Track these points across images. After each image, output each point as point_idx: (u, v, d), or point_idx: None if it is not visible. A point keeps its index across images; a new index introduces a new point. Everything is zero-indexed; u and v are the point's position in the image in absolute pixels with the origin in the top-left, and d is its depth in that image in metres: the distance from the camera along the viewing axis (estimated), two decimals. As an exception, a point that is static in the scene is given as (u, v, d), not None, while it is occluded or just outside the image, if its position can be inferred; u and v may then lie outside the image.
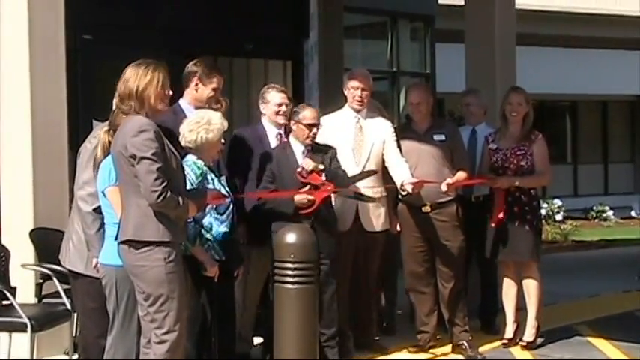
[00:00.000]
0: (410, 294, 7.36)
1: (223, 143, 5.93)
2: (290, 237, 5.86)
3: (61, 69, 7.12)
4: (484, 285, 8.06)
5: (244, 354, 6.78)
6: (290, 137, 6.65)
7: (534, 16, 18.04)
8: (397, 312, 7.98)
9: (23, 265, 6.63)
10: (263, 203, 6.41)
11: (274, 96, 6.88)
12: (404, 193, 6.87)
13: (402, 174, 6.82)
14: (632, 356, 7.17)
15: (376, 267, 7.19)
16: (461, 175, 7.07)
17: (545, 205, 16.91)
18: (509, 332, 7.44)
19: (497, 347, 7.40)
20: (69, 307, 6.20)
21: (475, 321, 7.75)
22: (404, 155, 6.96)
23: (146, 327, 5.04)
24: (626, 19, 20.11)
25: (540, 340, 7.47)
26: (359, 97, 7.03)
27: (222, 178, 5.95)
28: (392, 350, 7.21)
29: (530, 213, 7.29)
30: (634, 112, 24.19)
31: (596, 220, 19.87)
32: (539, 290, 7.39)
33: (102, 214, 5.40)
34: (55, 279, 6.27)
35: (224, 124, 5.80)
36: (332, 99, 7.90)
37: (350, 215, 6.91)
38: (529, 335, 7.37)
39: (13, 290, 6.26)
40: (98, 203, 5.41)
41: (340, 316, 6.70)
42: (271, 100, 6.88)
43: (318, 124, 6.54)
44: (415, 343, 7.23)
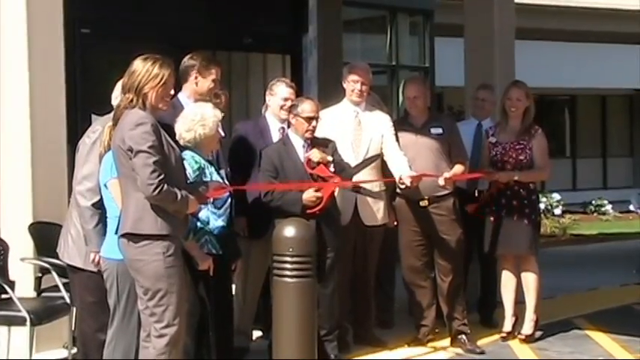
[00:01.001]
0: (408, 288, 7.37)
1: (223, 136, 5.91)
2: (289, 231, 5.85)
3: (60, 63, 7.11)
4: (484, 279, 8.07)
5: (243, 348, 6.79)
6: (289, 131, 6.60)
7: (533, 10, 18.02)
8: (395, 306, 7.98)
9: (22, 259, 6.62)
10: (270, 201, 6.32)
11: (282, 90, 6.86)
12: (402, 187, 6.87)
13: (401, 167, 6.82)
14: (630, 349, 7.17)
15: (374, 261, 7.19)
16: (458, 169, 7.07)
17: (544, 199, 16.90)
18: (507, 326, 7.44)
19: (495, 341, 7.40)
20: (68, 301, 6.19)
21: (474, 315, 7.76)
22: (402, 149, 6.97)
23: (146, 321, 5.05)
24: (625, 13, 20.08)
25: (539, 334, 7.47)
26: (358, 91, 7.02)
27: (221, 172, 5.94)
28: (390, 344, 7.20)
29: (529, 207, 7.30)
30: (633, 106, 24.21)
31: (594, 214, 19.85)
32: (537, 284, 7.40)
33: (100, 209, 5.40)
34: (54, 273, 6.26)
35: (217, 115, 5.77)
36: (331, 93, 7.88)
37: (349, 209, 6.89)
38: (528, 329, 7.38)
39: (12, 284, 6.25)
40: (97, 198, 5.40)
41: (339, 310, 6.71)
42: (278, 93, 6.86)
43: (317, 117, 6.48)
44: (414, 337, 7.24)
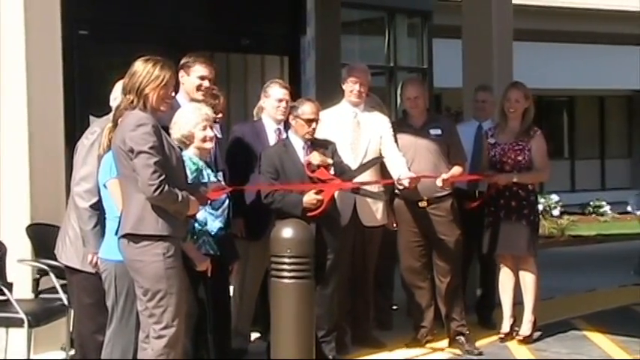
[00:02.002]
0: (407, 289, 7.36)
1: (219, 137, 5.87)
2: (287, 232, 5.85)
3: (58, 65, 7.11)
4: (484, 280, 8.06)
5: (241, 349, 6.79)
6: (289, 132, 6.59)
7: (531, 12, 18.01)
8: (393, 307, 7.98)
9: (20, 261, 6.61)
10: (270, 203, 6.32)
11: (276, 91, 6.87)
12: (400, 188, 6.87)
13: (399, 169, 6.82)
14: (628, 350, 7.17)
15: (373, 262, 7.20)
16: (456, 170, 7.07)
17: (542, 200, 16.89)
18: (505, 327, 7.44)
19: (494, 342, 7.40)
20: (65, 303, 6.18)
21: (472, 315, 7.76)
22: (400, 150, 6.97)
23: (145, 322, 5.04)
24: (623, 14, 20.09)
25: (537, 335, 7.47)
26: (357, 92, 7.02)
27: (218, 174, 5.94)
28: (389, 345, 7.20)
29: (527, 207, 7.30)
30: (631, 108, 24.20)
31: (593, 215, 19.83)
32: (536, 285, 7.40)
33: (98, 211, 5.40)
34: (52, 274, 6.26)
35: (201, 108, 5.71)
36: (329, 94, 7.89)
37: (348, 210, 6.89)
38: (526, 330, 7.38)
39: (10, 286, 6.25)
40: (95, 199, 5.40)
41: (337, 311, 6.71)
42: (272, 95, 6.86)
43: (317, 119, 6.47)
44: (412, 338, 7.24)
